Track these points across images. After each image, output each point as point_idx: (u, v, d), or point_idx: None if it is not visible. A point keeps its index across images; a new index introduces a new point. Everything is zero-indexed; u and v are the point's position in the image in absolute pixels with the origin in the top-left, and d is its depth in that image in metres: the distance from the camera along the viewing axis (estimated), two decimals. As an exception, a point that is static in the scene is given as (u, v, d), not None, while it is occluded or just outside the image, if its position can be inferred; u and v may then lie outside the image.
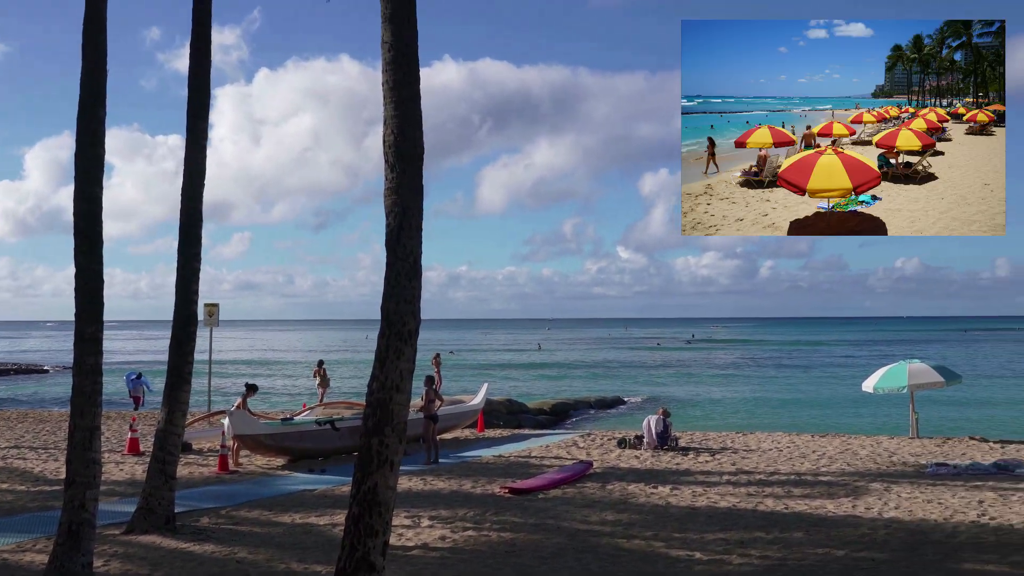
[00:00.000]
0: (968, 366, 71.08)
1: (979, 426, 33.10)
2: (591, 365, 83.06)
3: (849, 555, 12.01)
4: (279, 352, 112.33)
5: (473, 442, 24.92)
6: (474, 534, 13.33)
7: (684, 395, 51.31)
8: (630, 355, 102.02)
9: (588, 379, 64.57)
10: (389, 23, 9.34)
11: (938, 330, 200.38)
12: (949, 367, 27.52)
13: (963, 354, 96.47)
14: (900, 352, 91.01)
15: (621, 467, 19.88)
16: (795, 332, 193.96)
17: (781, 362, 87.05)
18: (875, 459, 20.83)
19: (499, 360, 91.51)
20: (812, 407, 45.02)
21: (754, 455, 21.58)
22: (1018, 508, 15.09)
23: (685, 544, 12.67)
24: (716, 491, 16.93)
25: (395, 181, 9.23)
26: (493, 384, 35.85)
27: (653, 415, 23.26)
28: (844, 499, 16.03)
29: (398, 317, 9.09)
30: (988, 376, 64.32)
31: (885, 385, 25.35)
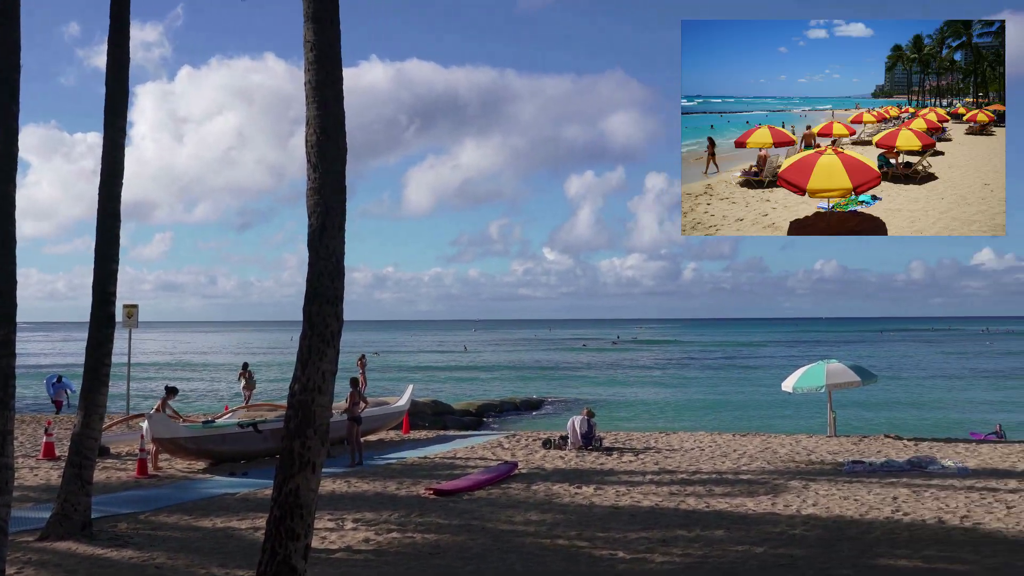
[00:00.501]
0: (884, 366, 72.88)
1: (894, 424, 33.98)
2: (517, 366, 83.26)
3: (768, 552, 12.23)
4: (201, 354, 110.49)
5: (398, 444, 24.81)
6: (398, 536, 13.28)
7: (609, 396, 51.72)
8: (556, 356, 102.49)
9: (514, 380, 64.74)
10: (312, 22, 9.27)
11: (855, 331, 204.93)
12: (865, 367, 28.17)
13: (879, 354, 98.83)
14: (818, 352, 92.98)
15: (546, 467, 19.97)
16: (718, 333, 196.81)
17: (704, 362, 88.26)
18: (794, 457, 21.23)
19: (425, 362, 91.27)
20: (733, 407, 45.73)
21: (677, 455, 21.85)
22: (930, 504, 15.51)
23: (608, 543, 12.77)
24: (639, 490, 17.10)
25: (318, 181, 9.16)
26: (419, 385, 35.81)
27: (578, 416, 23.41)
28: (764, 497, 16.31)
29: (320, 318, 9.02)
30: (903, 376, 65.99)
31: (804, 385, 25.86)
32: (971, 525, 13.84)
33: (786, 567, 11.44)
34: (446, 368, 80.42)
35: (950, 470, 18.91)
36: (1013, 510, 14.89)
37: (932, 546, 12.51)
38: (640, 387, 58.92)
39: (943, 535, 13.18)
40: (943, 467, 19.19)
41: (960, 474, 18.56)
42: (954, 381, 61.56)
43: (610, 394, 52.95)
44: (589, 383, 62.34)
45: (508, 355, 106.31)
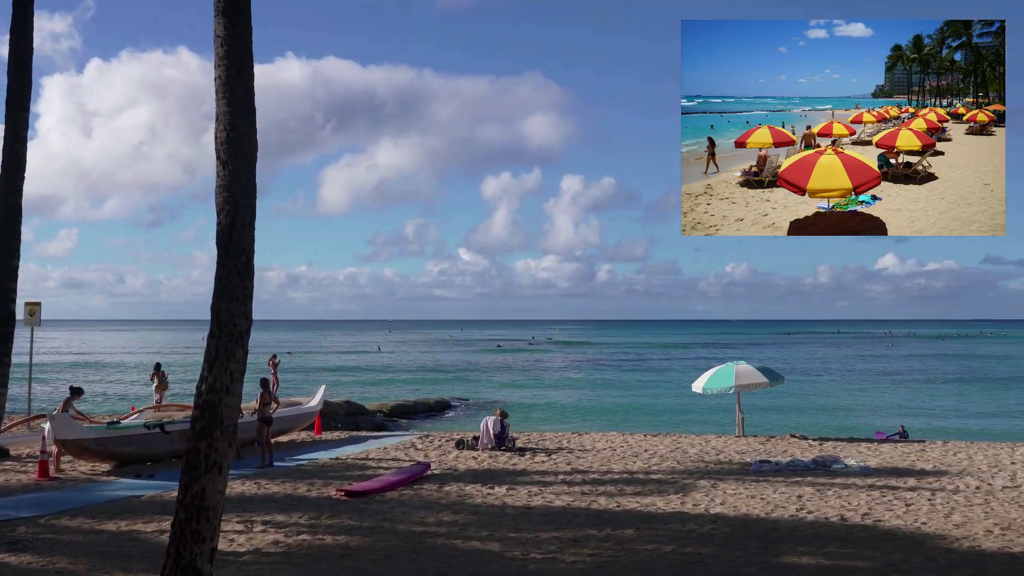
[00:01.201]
0: (791, 367, 74.53)
1: (800, 425, 34.76)
2: (431, 367, 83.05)
3: (677, 550, 12.40)
4: (108, 354, 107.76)
5: (310, 445, 24.54)
6: (308, 538, 13.13)
7: (523, 396, 51.91)
8: (470, 357, 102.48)
9: (428, 381, 64.54)
10: (222, 16, 9.12)
11: (764, 333, 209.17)
12: (773, 368, 28.77)
13: (787, 356, 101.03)
14: (728, 354, 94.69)
15: (459, 468, 19.95)
16: (631, 334, 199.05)
17: (617, 364, 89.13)
18: (703, 457, 21.57)
19: (338, 362, 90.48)
20: (645, 407, 46.27)
21: (589, 455, 22.02)
22: (834, 502, 15.90)
23: (520, 543, 12.81)
24: (551, 491, 17.19)
25: (227, 178, 9.02)
26: (332, 386, 35.44)
27: (491, 416, 23.47)
28: (673, 496, 16.54)
29: (229, 317, 8.88)
30: (809, 377, 67.54)
31: (713, 386, 26.30)
32: (872, 522, 14.23)
33: (694, 565, 11.61)
34: (360, 368, 79.84)
35: (853, 469, 19.42)
36: (911, 508, 15.35)
37: (834, 543, 12.83)
38: (554, 388, 59.25)
39: (845, 532, 13.52)
40: (846, 466, 19.69)
41: (862, 473, 19.08)
42: (858, 383, 63.21)
43: (524, 395, 53.14)
44: (503, 384, 62.48)
45: (422, 355, 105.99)
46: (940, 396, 52.52)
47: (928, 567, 11.50)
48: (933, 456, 21.62)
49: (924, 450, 22.77)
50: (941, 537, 13.19)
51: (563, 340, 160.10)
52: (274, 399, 21.86)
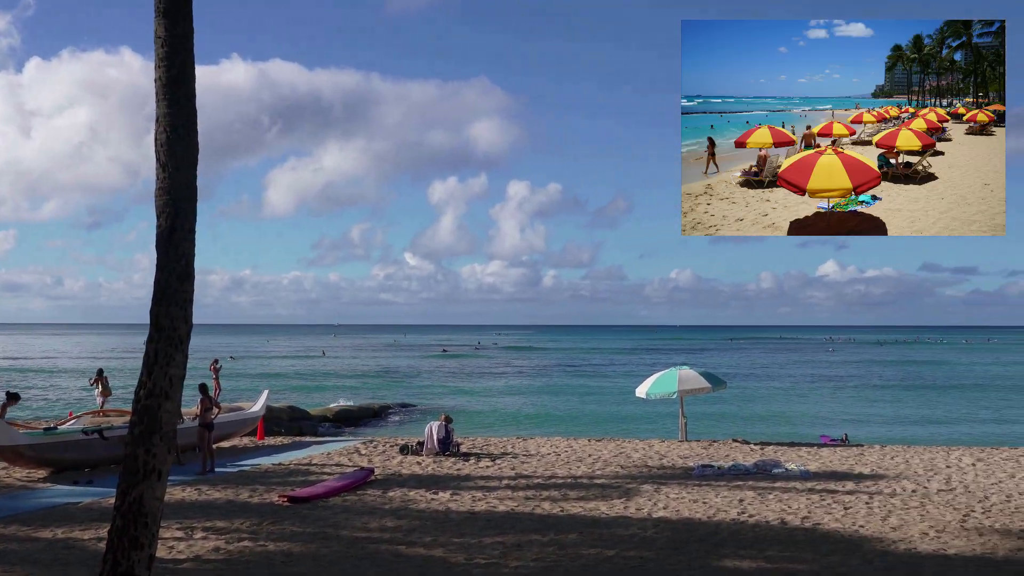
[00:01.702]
0: (733, 372, 75.31)
1: (742, 429, 35.11)
2: (376, 371, 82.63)
3: (619, 554, 12.47)
4: (47, 358, 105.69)
5: (252, 450, 24.30)
6: (250, 545, 12.99)
7: (468, 401, 51.85)
8: (416, 361, 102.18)
9: (373, 386, 64.19)
10: (163, 17, 9.01)
11: (708, 338, 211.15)
12: (715, 373, 29.04)
13: (730, 361, 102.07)
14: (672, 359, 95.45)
15: (403, 473, 19.88)
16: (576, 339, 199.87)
17: (562, 368, 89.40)
18: (647, 462, 21.72)
19: (282, 366, 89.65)
20: (589, 412, 46.43)
21: (533, 460, 22.06)
22: (774, 505, 16.10)
23: (464, 548, 12.80)
24: (495, 495, 17.19)
25: (167, 181, 8.91)
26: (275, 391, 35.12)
27: (435, 421, 23.41)
28: (617, 500, 16.63)
29: (168, 321, 8.77)
30: (751, 382, 68.29)
31: (657, 391, 26.47)
32: (811, 525, 14.44)
33: (636, 569, 11.69)
34: (304, 373, 79.17)
35: (793, 473, 19.67)
36: (850, 510, 15.60)
37: (775, 546, 13.00)
38: (499, 393, 59.26)
39: (785, 535, 13.70)
40: (787, 470, 19.94)
41: (802, 477, 19.33)
42: (799, 388, 64.03)
43: (469, 400, 53.07)
44: (448, 388, 62.37)
45: (368, 360, 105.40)
46: (878, 401, 53.41)
47: (865, 569, 11.69)
48: (871, 460, 21.97)
49: (862, 454, 23.13)
50: (878, 539, 13.42)
51: (509, 345, 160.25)
52: (215, 404, 21.62)
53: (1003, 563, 12.04)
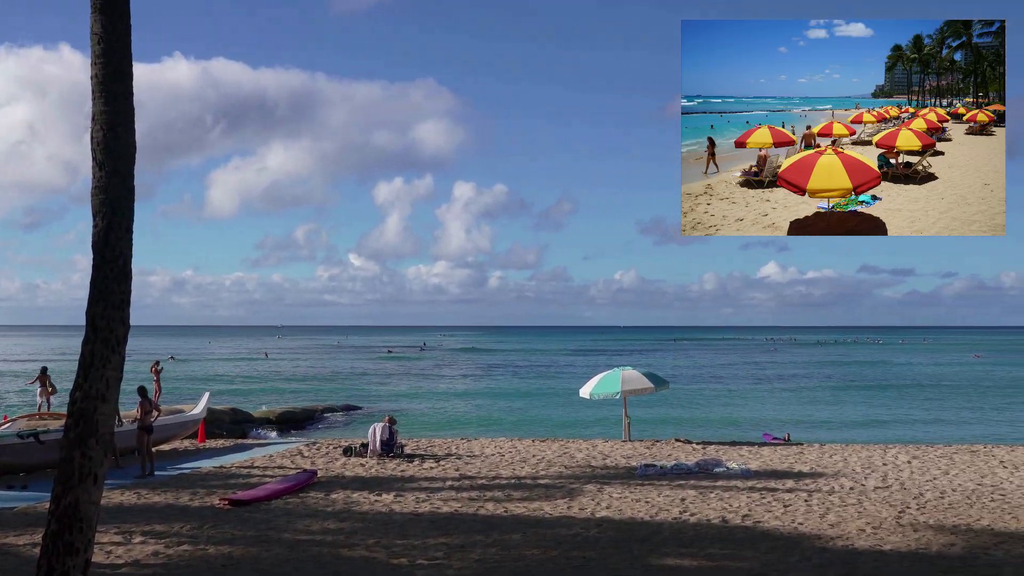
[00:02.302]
0: (676, 373, 75.97)
1: (684, 429, 35.41)
2: (320, 373, 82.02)
3: (562, 554, 12.52)
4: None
5: (193, 453, 24.00)
6: (190, 549, 12.84)
7: (413, 402, 51.68)
8: (361, 363, 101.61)
9: (317, 387, 63.72)
10: (99, 13, 8.88)
11: (652, 339, 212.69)
12: (658, 374, 29.26)
13: (673, 362, 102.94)
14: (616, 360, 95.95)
15: (346, 475, 19.78)
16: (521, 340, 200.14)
17: (507, 369, 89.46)
18: (590, 462, 21.83)
19: (225, 368, 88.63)
20: (534, 413, 46.52)
21: (477, 460, 22.07)
22: (715, 504, 16.28)
23: (407, 550, 12.77)
24: (439, 497, 17.17)
25: (104, 180, 8.78)
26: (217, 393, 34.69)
27: (379, 422, 23.31)
28: (560, 501, 16.69)
29: (104, 323, 8.64)
30: (694, 382, 68.89)
31: (600, 391, 26.61)
32: (751, 523, 14.62)
33: (579, 568, 11.75)
34: (247, 375, 78.34)
35: (734, 472, 19.90)
36: (789, 508, 15.82)
37: (716, 544, 13.14)
38: (444, 394, 59.15)
39: (726, 533, 13.86)
40: (728, 469, 20.16)
41: (743, 475, 19.57)
42: (741, 388, 64.73)
43: (414, 401, 52.91)
44: (393, 390, 62.12)
45: (311, 362, 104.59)
46: (818, 401, 54.18)
47: (803, 566, 11.87)
48: (810, 458, 22.30)
49: (802, 453, 23.47)
50: (816, 537, 13.63)
51: (454, 346, 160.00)
52: (155, 407, 21.33)
53: (936, 558, 12.30)
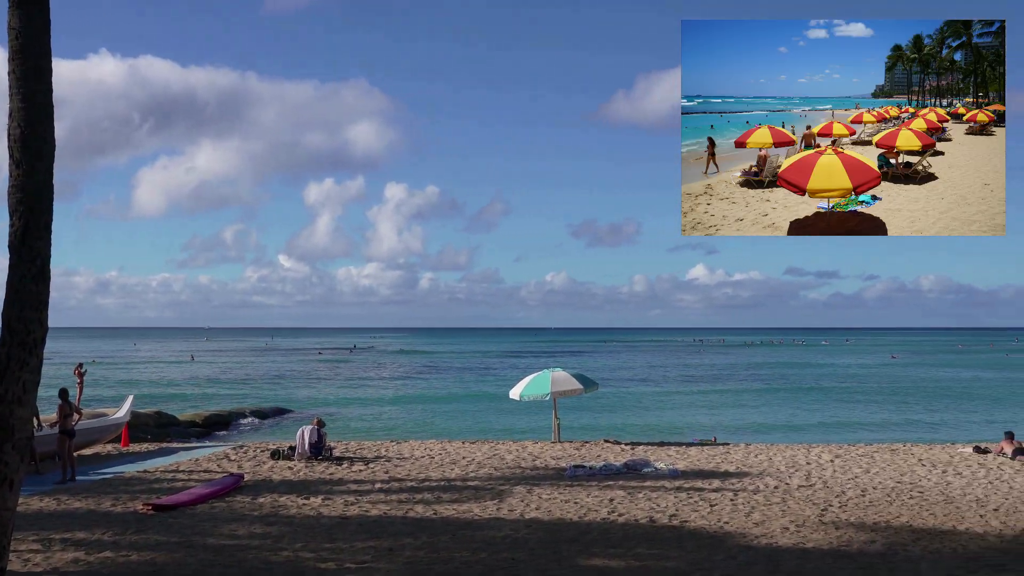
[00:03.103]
0: (606, 374, 76.56)
1: (613, 430, 35.71)
2: (248, 375, 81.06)
3: (491, 556, 12.52)
4: None
5: (116, 458, 23.53)
6: (112, 555, 12.57)
7: (342, 404, 51.36)
8: (290, 365, 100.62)
9: (244, 390, 62.98)
10: (16, 8, 8.67)
11: (583, 341, 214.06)
12: (588, 375, 29.43)
13: (603, 363, 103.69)
14: (546, 361, 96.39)
15: (273, 479, 19.55)
16: (453, 342, 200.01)
17: (438, 371, 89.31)
18: (520, 463, 21.88)
19: (149, 371, 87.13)
20: (464, 414, 46.54)
21: (407, 463, 21.98)
22: (643, 504, 16.42)
23: (335, 554, 12.66)
24: (368, 499, 17.06)
25: (21, 178, 8.58)
26: (142, 396, 34.08)
27: (308, 425, 23.08)
28: (490, 502, 16.69)
29: (21, 324, 8.44)
30: (623, 383, 69.51)
31: (530, 393, 26.67)
32: (678, 523, 14.78)
33: (507, 570, 11.75)
34: (172, 378, 77.10)
35: (662, 472, 20.10)
36: (715, 508, 16.03)
37: (643, 544, 13.26)
38: (374, 395, 58.84)
39: (653, 533, 13.99)
40: (656, 469, 20.36)
41: (671, 475, 19.77)
42: (670, 388, 65.47)
43: (343, 403, 52.56)
44: (323, 392, 61.64)
45: (239, 364, 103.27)
46: (745, 401, 55.02)
47: (728, 564, 12.03)
48: (736, 458, 22.62)
49: (728, 452, 23.80)
50: (741, 535, 13.83)
51: (385, 348, 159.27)
52: (76, 410, 20.86)
53: (857, 555, 12.56)
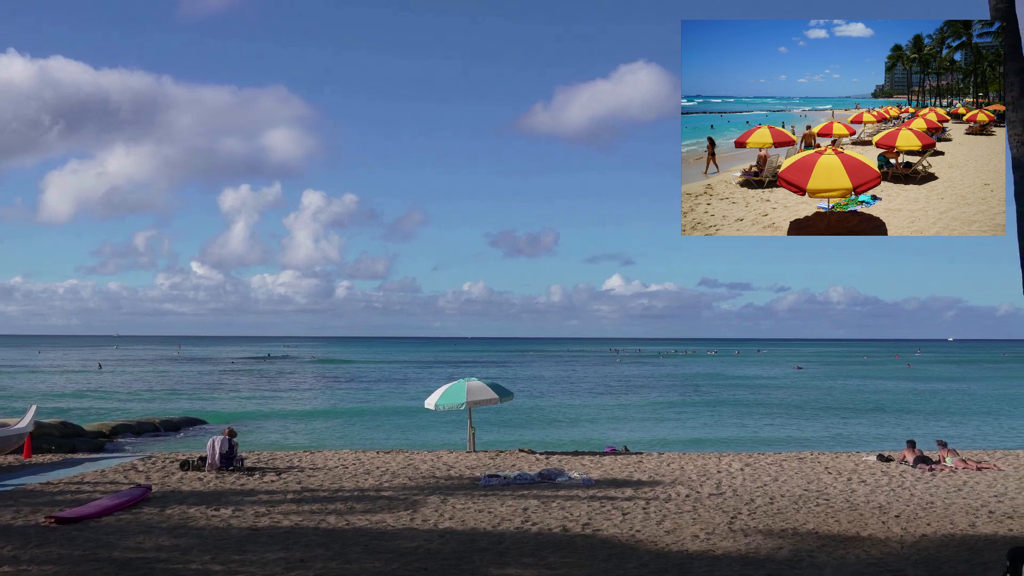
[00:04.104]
0: (522, 384, 76.78)
1: (529, 439, 35.84)
2: (158, 384, 79.36)
3: (403, 567, 12.46)
4: None
5: (17, 469, 22.82)
6: (11, 570, 12.20)
7: (255, 414, 50.62)
8: (201, 374, 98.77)
9: (154, 399, 61.65)
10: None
11: (500, 350, 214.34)
12: (504, 385, 29.52)
13: (519, 373, 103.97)
14: (463, 371, 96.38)
15: (183, 490, 19.18)
16: (369, 351, 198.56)
17: (353, 380, 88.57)
18: (435, 473, 21.82)
19: (54, 380, 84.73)
20: (378, 424, 46.24)
21: (320, 473, 21.75)
22: (557, 513, 16.51)
23: (244, 566, 12.47)
24: (279, 510, 16.84)
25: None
26: (46, 406, 33.14)
27: (218, 435, 22.70)
28: (404, 512, 16.62)
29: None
30: (539, 393, 69.78)
31: (446, 402, 26.64)
32: (591, 532, 14.89)
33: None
34: (79, 387, 75.09)
35: (576, 481, 20.24)
36: (628, 516, 16.20)
37: (556, 553, 13.33)
38: (287, 405, 58.11)
39: (566, 542, 14.08)
40: (570, 479, 20.49)
41: (584, 485, 19.92)
42: (586, 398, 65.92)
43: (256, 412, 51.80)
44: (234, 401, 60.67)
45: (149, 373, 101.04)
46: (659, 411, 55.68)
47: (640, 572, 12.18)
48: (649, 467, 22.89)
49: (641, 461, 24.06)
50: (653, 543, 14.00)
51: (300, 357, 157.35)
52: (-24, 421, 20.20)
53: (765, 561, 12.82)
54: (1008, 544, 12.47)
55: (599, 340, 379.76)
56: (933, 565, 12.62)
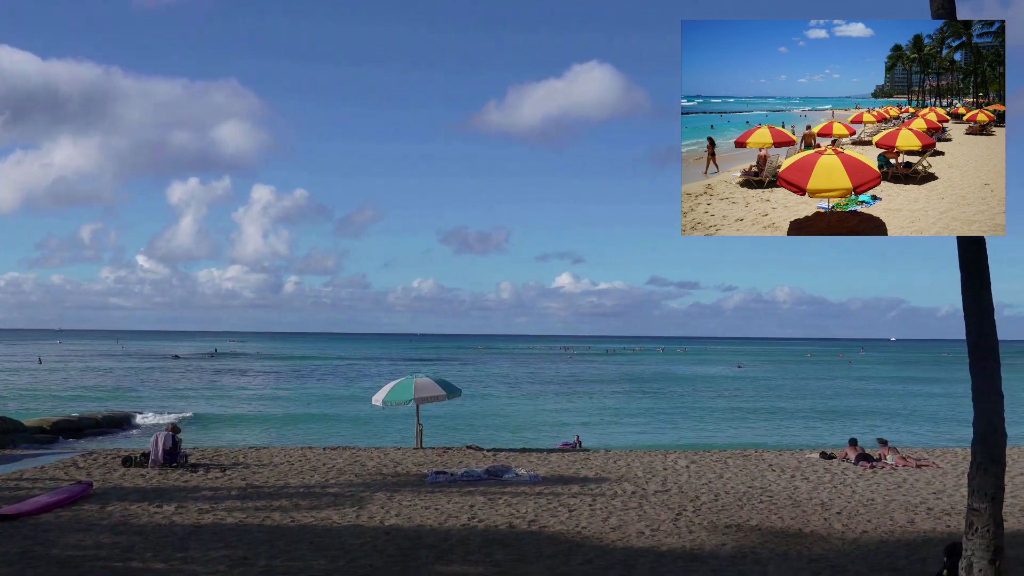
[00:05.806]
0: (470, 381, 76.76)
1: (476, 436, 35.81)
2: (101, 380, 78.09)
3: (349, 563, 12.41)
4: None
5: (-46, 466, 22.36)
6: (-55, 568, 11.96)
7: (200, 410, 49.97)
8: (146, 370, 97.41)
9: (96, 394, 60.66)
10: None
11: (449, 347, 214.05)
12: (452, 382, 29.48)
13: (467, 370, 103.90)
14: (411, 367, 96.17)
15: (125, 487, 18.91)
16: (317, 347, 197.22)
17: (301, 376, 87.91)
18: (381, 470, 21.74)
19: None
20: (325, 420, 45.92)
21: (266, 470, 21.57)
22: (504, 510, 16.54)
23: (186, 563, 12.35)
24: (224, 507, 16.68)
25: None
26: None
27: (162, 431, 22.42)
28: (349, 509, 16.54)
29: None
30: (486, 390, 69.77)
31: (393, 399, 26.55)
32: (537, 528, 14.94)
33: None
34: (18, 382, 73.66)
35: (523, 478, 20.28)
36: (574, 513, 16.27)
37: (502, 549, 13.36)
38: (233, 401, 57.49)
39: (512, 539, 14.11)
40: (517, 476, 20.53)
41: (531, 481, 19.97)
42: (533, 395, 66.04)
43: (201, 408, 51.15)
44: (179, 396, 59.89)
45: (92, 368, 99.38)
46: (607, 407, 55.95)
47: (585, 568, 12.24)
48: (596, 464, 23.00)
49: (588, 458, 24.17)
50: (598, 539, 14.08)
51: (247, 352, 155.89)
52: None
53: (708, 557, 12.96)
54: (946, 540, 12.71)
55: (549, 337, 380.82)
56: (873, 561, 12.85)
